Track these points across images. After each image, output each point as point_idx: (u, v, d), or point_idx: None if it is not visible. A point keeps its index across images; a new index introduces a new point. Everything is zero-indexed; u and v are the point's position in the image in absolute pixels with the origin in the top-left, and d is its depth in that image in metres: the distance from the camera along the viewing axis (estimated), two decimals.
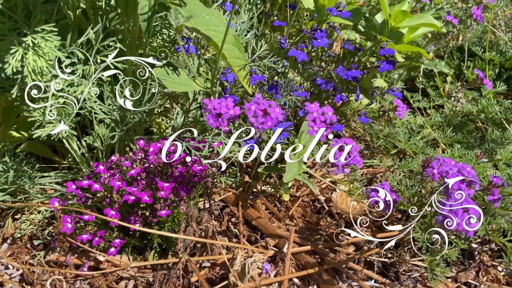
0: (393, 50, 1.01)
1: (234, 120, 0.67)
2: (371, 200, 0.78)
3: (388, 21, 1.08)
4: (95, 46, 0.82)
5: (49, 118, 0.69)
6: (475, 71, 1.01)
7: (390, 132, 1.22)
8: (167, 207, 0.80)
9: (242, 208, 1.04)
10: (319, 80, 1.04)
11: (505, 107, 1.32)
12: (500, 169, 1.06)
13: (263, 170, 1.04)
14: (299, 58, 0.94)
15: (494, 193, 0.72)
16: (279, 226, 1.00)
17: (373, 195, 0.79)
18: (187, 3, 0.79)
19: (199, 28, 0.77)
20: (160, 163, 0.86)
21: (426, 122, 1.27)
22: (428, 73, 1.63)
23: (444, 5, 1.61)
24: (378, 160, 1.18)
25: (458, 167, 0.71)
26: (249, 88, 0.78)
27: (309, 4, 1.14)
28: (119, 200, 0.81)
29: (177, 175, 0.84)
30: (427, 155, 1.18)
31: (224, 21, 0.80)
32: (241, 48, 0.78)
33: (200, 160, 0.87)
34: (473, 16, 1.11)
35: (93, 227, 0.83)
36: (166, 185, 0.81)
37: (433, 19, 1.06)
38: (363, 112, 1.12)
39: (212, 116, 0.66)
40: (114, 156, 0.85)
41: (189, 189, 0.83)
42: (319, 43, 0.96)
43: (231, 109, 0.66)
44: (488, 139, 1.24)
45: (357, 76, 1.03)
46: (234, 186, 1.11)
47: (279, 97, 1.02)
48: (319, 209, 1.12)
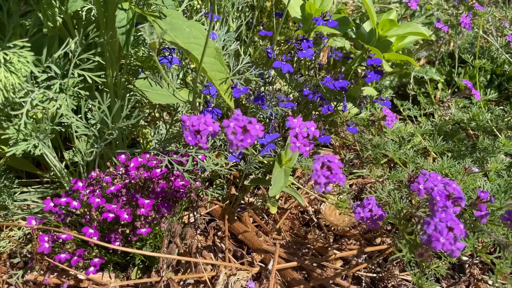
0: (380, 60, 1.00)
1: (214, 137, 0.65)
2: (356, 215, 0.76)
3: (375, 30, 1.06)
4: (73, 60, 0.80)
5: (23, 136, 0.66)
6: (463, 81, 1.00)
7: (380, 142, 1.20)
8: (148, 225, 0.78)
9: (228, 222, 1.01)
10: (306, 91, 1.03)
11: (496, 114, 1.31)
12: (490, 179, 1.04)
13: (249, 183, 1.03)
14: (283, 69, 0.92)
15: (482, 209, 0.71)
16: (266, 240, 0.98)
17: (358, 211, 0.77)
18: (167, 15, 0.77)
19: (179, 41, 0.75)
20: (141, 179, 0.83)
21: (416, 131, 1.25)
22: (420, 79, 1.62)
23: (435, 11, 1.60)
24: (368, 170, 1.17)
25: (444, 183, 0.69)
26: (230, 102, 0.76)
27: (296, 14, 1.12)
28: (98, 217, 0.79)
29: (158, 191, 0.82)
30: (417, 164, 1.16)
31: (205, 33, 0.78)
32: (222, 61, 0.77)
33: (182, 175, 0.84)
34: (461, 24, 1.09)
35: (72, 245, 0.81)
36: (147, 201, 0.78)
37: (420, 28, 1.05)
38: (351, 122, 1.10)
39: (191, 133, 0.64)
40: (94, 172, 0.83)
41: (171, 206, 0.81)
42: (304, 54, 0.94)
43: (210, 125, 0.64)
44: (479, 147, 1.22)
45: (344, 87, 1.01)
46: (221, 199, 1.09)
47: (265, 108, 1.01)
48: (308, 221, 1.10)
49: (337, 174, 0.63)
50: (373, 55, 1.00)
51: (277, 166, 0.95)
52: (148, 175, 0.83)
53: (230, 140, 0.63)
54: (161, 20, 0.76)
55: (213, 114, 0.85)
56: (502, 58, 1.61)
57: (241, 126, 0.63)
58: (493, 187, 1.02)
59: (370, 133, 1.31)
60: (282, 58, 0.93)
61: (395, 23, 1.02)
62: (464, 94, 0.98)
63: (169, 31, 0.75)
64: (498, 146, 1.15)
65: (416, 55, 1.64)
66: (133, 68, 1.09)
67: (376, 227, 0.77)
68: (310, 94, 1.04)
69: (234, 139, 0.62)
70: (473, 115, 1.26)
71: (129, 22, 0.75)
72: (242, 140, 0.62)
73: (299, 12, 1.13)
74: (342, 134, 1.35)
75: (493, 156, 1.18)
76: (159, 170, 0.83)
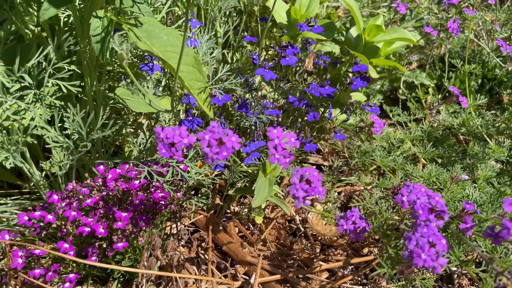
0: (366, 67, 0.98)
1: (189, 149, 0.63)
2: (339, 228, 0.74)
3: (362, 35, 1.04)
4: (48, 69, 0.77)
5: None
6: (451, 88, 0.98)
7: (368, 149, 1.18)
8: (125, 239, 0.76)
9: (212, 233, 0.99)
10: (291, 98, 1.01)
11: (486, 120, 1.29)
12: (479, 187, 1.02)
13: (234, 193, 1.00)
14: (266, 77, 0.90)
15: (467, 221, 0.69)
16: (251, 252, 0.96)
17: (341, 223, 0.75)
18: (144, 22, 0.75)
19: (156, 49, 0.73)
20: (119, 190, 0.81)
21: (406, 137, 1.23)
22: (411, 84, 1.60)
23: (425, 15, 1.59)
24: (356, 177, 1.14)
25: (428, 195, 0.67)
26: (209, 112, 0.74)
27: (281, 19, 1.10)
28: (74, 231, 0.76)
29: (137, 203, 0.80)
30: (406, 171, 1.15)
31: (184, 42, 0.76)
32: (201, 70, 0.74)
33: (162, 186, 0.82)
34: (449, 29, 1.08)
35: (48, 260, 0.78)
36: (124, 215, 0.76)
37: (407, 33, 1.03)
38: (339, 129, 1.08)
39: (165, 145, 0.62)
40: (70, 184, 0.81)
41: (149, 219, 0.78)
42: (287, 61, 0.92)
43: (186, 137, 0.62)
44: (470, 153, 1.20)
45: (330, 94, 0.99)
46: (206, 209, 1.06)
47: (250, 116, 0.98)
48: (295, 231, 1.08)
49: (316, 188, 0.61)
50: (359, 62, 0.98)
51: (261, 175, 0.93)
52: (126, 186, 0.81)
53: (206, 153, 0.60)
54: (137, 28, 0.74)
55: (194, 123, 0.83)
56: (493, 62, 1.59)
57: (216, 139, 0.61)
58: (482, 195, 1.00)
59: (360, 139, 1.30)
60: (265, 65, 0.90)
61: (381, 29, 1.00)
62: (451, 101, 0.97)
63: (145, 39, 0.73)
64: (488, 152, 1.13)
65: (407, 59, 1.62)
66: (117, 75, 1.07)
67: (360, 240, 0.75)
68: (295, 101, 1.02)
69: (209, 152, 0.60)
70: (463, 121, 1.24)
71: (104, 30, 0.73)
72: (218, 153, 0.60)
73: (285, 17, 1.11)
74: (331, 140, 1.33)
75: (483, 163, 1.16)
76: (138, 181, 0.81)
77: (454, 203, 0.93)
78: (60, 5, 0.69)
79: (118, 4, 0.75)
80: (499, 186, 1.05)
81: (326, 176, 1.18)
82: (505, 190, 1.04)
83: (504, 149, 1.15)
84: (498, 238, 0.53)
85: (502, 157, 1.13)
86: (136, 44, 0.70)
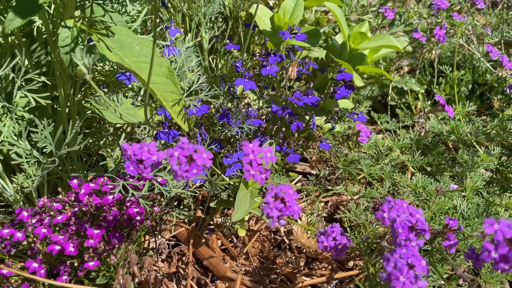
0: (351, 75, 0.95)
1: (158, 166, 0.60)
2: (319, 245, 0.71)
3: (347, 43, 1.02)
4: (17, 81, 0.75)
5: None
6: (436, 97, 0.95)
7: (355, 157, 1.15)
8: (97, 257, 0.73)
9: (193, 247, 0.96)
10: (275, 107, 0.98)
11: (476, 126, 1.27)
12: (467, 198, 1.00)
13: (215, 205, 0.97)
14: (246, 87, 0.87)
15: (450, 238, 0.66)
16: (232, 266, 0.93)
17: (322, 240, 0.72)
18: (115, 32, 0.72)
19: (128, 60, 0.70)
20: (92, 206, 0.78)
21: (394, 145, 1.21)
22: (401, 89, 1.58)
23: (415, 20, 1.56)
24: (343, 187, 1.12)
25: (410, 211, 0.65)
26: (184, 125, 0.71)
27: (265, 26, 1.08)
28: (44, 249, 0.73)
29: (110, 219, 0.77)
30: (394, 180, 1.12)
31: (158, 52, 0.73)
32: (175, 81, 0.72)
33: (138, 202, 0.79)
34: (435, 37, 1.05)
35: (18, 279, 0.75)
36: (96, 232, 0.73)
37: (393, 40, 1.01)
38: (324, 138, 1.05)
39: (132, 162, 0.59)
40: (41, 199, 0.78)
41: (123, 236, 0.75)
42: (267, 71, 0.90)
43: (154, 154, 0.59)
44: (459, 161, 1.18)
45: (314, 103, 0.96)
46: (188, 221, 1.04)
47: (232, 126, 0.96)
48: (279, 243, 1.05)
49: (291, 207, 0.58)
50: (344, 70, 0.96)
51: (243, 187, 0.90)
52: (100, 202, 0.78)
53: (175, 171, 0.58)
54: (108, 38, 0.71)
55: (169, 136, 0.80)
56: (484, 67, 1.57)
57: (186, 156, 0.58)
58: (470, 206, 0.97)
59: (348, 147, 1.27)
60: (245, 75, 0.88)
61: (366, 36, 0.97)
62: (437, 110, 0.94)
63: (117, 49, 0.71)
64: (477, 161, 1.11)
65: (397, 64, 1.60)
66: (97, 84, 1.04)
67: (341, 257, 0.73)
68: (279, 110, 0.99)
69: (178, 170, 0.57)
70: (452, 128, 1.22)
71: (74, 40, 0.70)
72: (187, 171, 0.57)
73: (269, 24, 1.09)
74: (318, 148, 1.30)
75: (473, 171, 1.14)
76: (112, 196, 0.78)
77: (441, 215, 0.90)
78: (26, 15, 0.66)
79: (89, 14, 0.72)
80: (488, 196, 1.03)
81: (313, 186, 1.15)
82: (494, 200, 1.01)
83: (493, 157, 1.12)
84: (478, 261, 0.51)
85: (491, 166, 1.10)
86: (106, 56, 0.67)
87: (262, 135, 1.05)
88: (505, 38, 1.48)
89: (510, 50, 1.68)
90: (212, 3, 1.17)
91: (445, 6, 1.28)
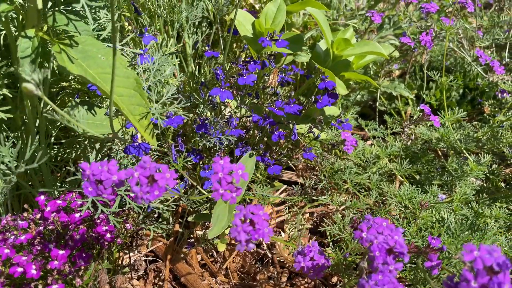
0: (333, 83, 0.92)
1: (120, 187, 0.56)
2: (296, 265, 0.68)
3: (330, 49, 0.98)
4: None
5: None
6: (421, 107, 0.92)
7: (342, 166, 1.12)
8: (61, 280, 0.69)
9: (170, 263, 0.92)
10: (255, 116, 0.94)
11: (466, 134, 1.23)
12: (455, 209, 0.97)
13: (193, 219, 0.94)
14: (222, 97, 0.84)
15: (432, 259, 0.63)
16: (210, 284, 0.89)
17: (299, 260, 0.68)
18: (80, 42, 0.68)
19: (93, 71, 0.66)
20: (59, 224, 0.74)
21: (381, 153, 1.17)
22: (391, 93, 1.54)
23: (404, 23, 1.53)
24: (329, 197, 1.08)
25: (390, 229, 0.61)
26: (152, 140, 0.68)
27: (246, 32, 1.04)
28: (6, 271, 0.69)
29: (77, 238, 0.73)
30: (381, 190, 1.09)
31: (125, 62, 0.70)
32: (143, 93, 0.68)
33: (107, 219, 0.75)
34: (421, 43, 1.02)
35: None
36: (61, 252, 0.69)
37: (378, 47, 0.97)
38: (308, 148, 1.02)
39: (91, 183, 0.55)
40: (6, 217, 0.74)
41: (90, 256, 0.72)
42: (244, 80, 0.86)
43: (115, 173, 0.56)
44: (449, 169, 1.15)
45: (296, 112, 0.93)
46: (166, 235, 1.00)
47: (213, 136, 0.92)
48: (262, 256, 1.01)
49: (261, 230, 0.55)
50: (326, 78, 0.92)
51: (221, 201, 0.86)
52: (67, 219, 0.74)
53: (135, 192, 0.54)
54: (72, 49, 0.67)
55: (140, 149, 0.76)
56: (475, 72, 1.54)
57: (147, 176, 0.54)
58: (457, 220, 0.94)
59: (335, 155, 1.23)
60: (221, 84, 0.84)
61: (349, 43, 0.94)
62: (422, 119, 0.91)
63: (81, 60, 0.67)
64: (466, 170, 1.07)
65: (388, 67, 1.57)
66: (73, 92, 1.00)
67: (319, 277, 0.69)
68: (260, 119, 0.96)
69: (138, 192, 0.54)
70: (441, 135, 1.19)
71: (34, 51, 0.66)
72: (148, 193, 0.54)
73: (250, 30, 1.05)
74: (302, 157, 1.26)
75: (463, 179, 1.10)
76: (79, 214, 0.74)
77: (427, 229, 0.87)
78: None
79: (51, 22, 0.68)
80: (477, 207, 1.00)
81: (298, 196, 1.12)
82: (483, 212, 0.98)
83: (483, 166, 1.09)
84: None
85: (481, 175, 1.07)
86: (67, 68, 0.63)
87: (246, 144, 1.01)
88: (496, 41, 1.45)
89: (503, 53, 1.64)
90: (194, 7, 1.14)
91: (434, 9, 1.25)
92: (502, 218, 0.99)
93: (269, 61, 0.93)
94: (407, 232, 0.81)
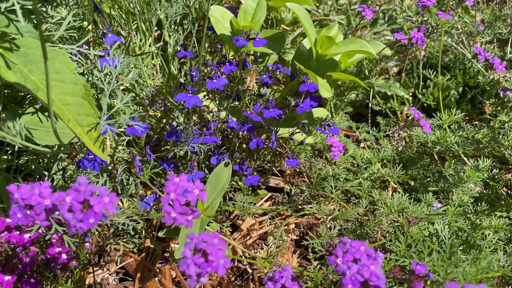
0: (315, 85, 0.84)
1: (53, 212, 0.49)
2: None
3: (314, 48, 0.91)
4: None
5: None
6: (411, 111, 0.84)
7: (328, 173, 1.04)
8: None
9: (140, 282, 0.86)
10: (232, 122, 0.87)
11: (464, 136, 1.15)
12: (450, 221, 0.89)
13: (164, 235, 0.87)
14: (189, 103, 0.76)
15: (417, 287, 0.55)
16: None
17: (269, 286, 0.61)
18: (21, 45, 0.61)
19: (35, 77, 0.59)
20: (9, 246, 0.67)
21: (374, 157, 1.09)
22: (386, 92, 1.46)
23: (400, 19, 1.44)
24: (316, 206, 1.00)
25: (368, 255, 0.54)
26: (103, 155, 0.60)
27: (224, 30, 0.96)
28: None
29: (27, 262, 0.66)
30: (372, 197, 1.01)
31: (73, 67, 0.62)
32: (92, 102, 0.61)
33: (61, 240, 0.69)
34: (412, 40, 0.94)
35: None
36: (7, 278, 0.63)
37: (366, 45, 0.89)
38: (291, 154, 0.94)
39: (20, 208, 0.48)
40: None
41: (39, 281, 0.65)
42: (213, 84, 0.78)
43: (47, 197, 0.49)
44: (445, 175, 1.07)
45: (275, 116, 0.85)
46: (137, 250, 0.93)
47: (185, 144, 0.85)
48: (242, 272, 0.94)
49: (214, 262, 0.47)
50: (307, 80, 0.84)
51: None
52: (15, 241, 0.67)
53: (67, 219, 0.47)
54: (12, 53, 0.60)
55: (95, 163, 0.69)
56: (475, 69, 1.45)
57: (81, 201, 0.47)
58: (452, 232, 0.86)
59: (325, 159, 1.16)
60: (189, 89, 0.77)
61: (333, 41, 0.86)
62: (412, 125, 0.83)
63: (22, 65, 0.60)
64: (463, 177, 0.99)
65: (382, 65, 1.48)
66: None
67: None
68: (238, 125, 0.88)
69: (71, 220, 0.46)
70: (438, 138, 1.11)
71: None
72: (82, 221, 0.46)
73: (228, 28, 0.97)
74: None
75: (460, 186, 1.02)
76: (28, 235, 0.67)
77: (416, 245, 0.79)
78: None
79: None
80: (475, 218, 0.92)
81: (283, 206, 1.04)
82: (481, 223, 0.90)
83: (483, 171, 1.01)
84: None
85: (479, 182, 0.99)
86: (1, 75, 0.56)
87: (226, 150, 0.94)
88: (498, 36, 1.36)
89: (506, 48, 1.55)
90: (174, 3, 1.06)
91: (431, 3, 1.16)
92: (502, 230, 0.91)
93: (245, 62, 0.85)
94: (395, 251, 0.74)
